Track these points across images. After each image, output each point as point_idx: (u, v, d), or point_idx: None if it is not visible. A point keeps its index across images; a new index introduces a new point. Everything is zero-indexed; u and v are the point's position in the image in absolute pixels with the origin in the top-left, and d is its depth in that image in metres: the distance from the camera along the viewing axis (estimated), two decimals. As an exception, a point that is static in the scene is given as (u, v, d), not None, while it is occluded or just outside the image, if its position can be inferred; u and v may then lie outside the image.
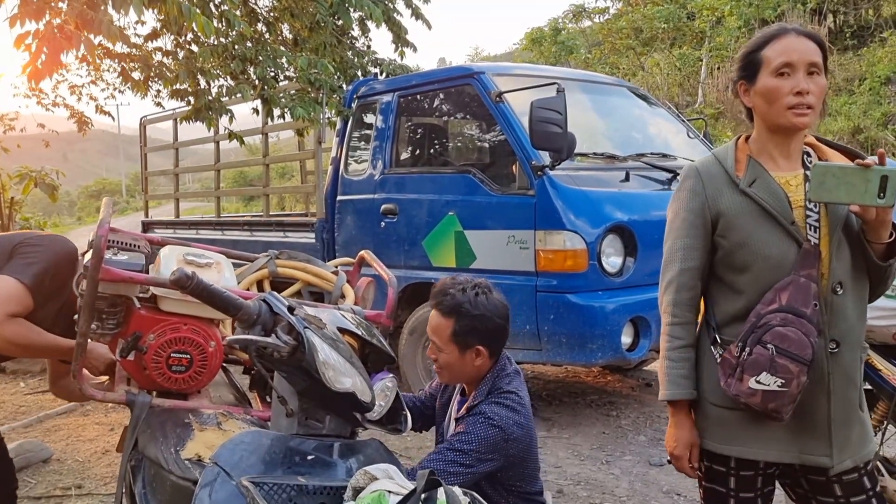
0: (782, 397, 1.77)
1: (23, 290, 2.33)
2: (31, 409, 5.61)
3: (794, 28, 1.89)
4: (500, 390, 2.28)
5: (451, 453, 2.16)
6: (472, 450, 2.15)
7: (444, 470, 2.12)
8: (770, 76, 1.85)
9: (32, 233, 2.56)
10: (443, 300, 2.28)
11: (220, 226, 7.90)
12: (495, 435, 2.18)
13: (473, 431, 2.18)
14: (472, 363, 2.29)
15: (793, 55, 1.83)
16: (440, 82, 5.68)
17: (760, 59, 1.88)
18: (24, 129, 9.08)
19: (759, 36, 1.94)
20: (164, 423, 2.10)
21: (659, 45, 21.50)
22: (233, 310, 1.53)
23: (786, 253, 1.84)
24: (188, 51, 5.71)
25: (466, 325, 2.24)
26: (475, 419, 2.21)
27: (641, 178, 5.00)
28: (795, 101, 1.82)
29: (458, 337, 2.25)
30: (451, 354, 2.27)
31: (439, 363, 2.32)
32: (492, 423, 2.18)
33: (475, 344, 2.26)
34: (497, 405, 2.23)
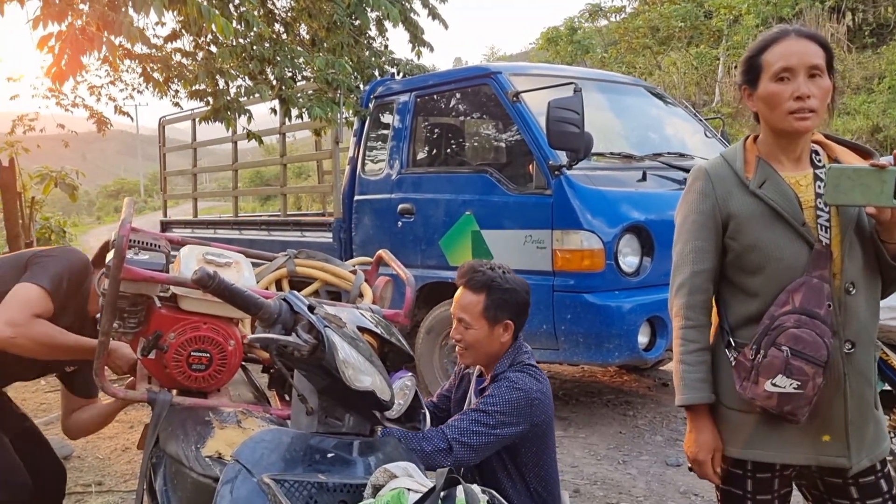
0: (798, 399, 1.76)
1: (43, 293, 2.38)
2: (51, 406, 5.66)
3: (794, 29, 1.87)
4: (521, 363, 2.37)
5: (475, 413, 2.23)
6: (497, 411, 2.22)
7: (468, 429, 2.18)
8: (770, 81, 1.84)
9: (43, 248, 2.61)
10: (473, 276, 2.37)
11: (237, 225, 7.95)
12: (519, 398, 2.25)
13: (498, 394, 2.25)
14: (500, 339, 2.37)
15: (791, 59, 1.82)
16: (457, 82, 5.69)
17: (761, 63, 1.87)
18: (43, 130, 9.16)
19: (759, 39, 1.92)
20: (184, 420, 2.12)
21: (676, 43, 21.40)
22: (254, 308, 1.54)
23: (798, 254, 1.83)
24: (207, 51, 5.75)
25: (498, 299, 2.34)
26: (499, 384, 2.29)
27: (658, 177, 4.99)
28: (796, 106, 1.81)
29: (489, 311, 2.34)
30: (480, 330, 2.35)
31: (465, 341, 2.38)
32: (516, 386, 2.27)
33: (504, 318, 2.35)
34: (520, 373, 2.32)
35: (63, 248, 2.56)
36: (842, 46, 16.41)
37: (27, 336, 2.33)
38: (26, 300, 2.34)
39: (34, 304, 2.35)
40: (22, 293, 2.35)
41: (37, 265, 2.43)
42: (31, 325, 2.34)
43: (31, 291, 2.35)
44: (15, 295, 2.35)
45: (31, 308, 2.34)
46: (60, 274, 2.41)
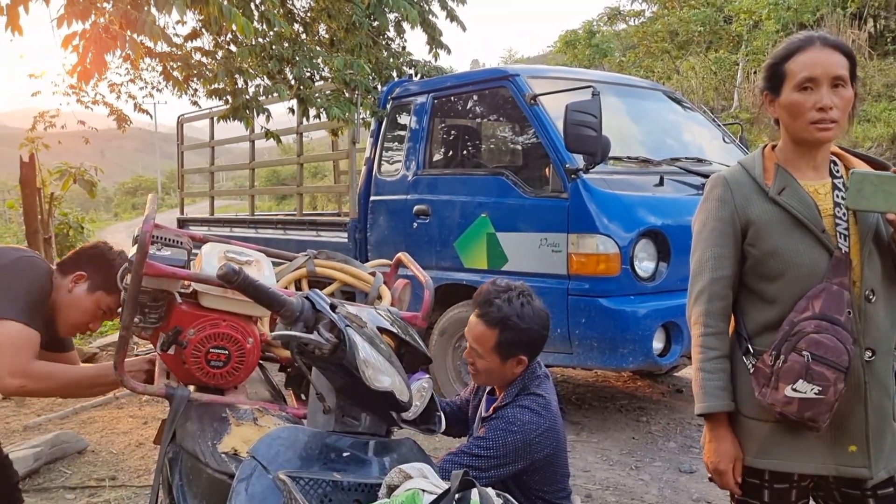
0: (819, 405, 1.75)
1: (23, 328, 2.29)
2: (67, 400, 5.71)
3: (819, 37, 1.86)
4: (527, 391, 2.31)
5: (466, 458, 2.18)
6: (489, 455, 2.17)
7: None
8: (793, 91, 1.84)
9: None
10: (489, 311, 2.28)
11: (253, 224, 7.99)
12: (515, 441, 2.19)
13: (493, 437, 2.20)
14: (512, 370, 2.32)
15: (816, 69, 1.81)
16: (475, 84, 5.70)
17: (784, 71, 1.87)
18: (64, 126, 9.23)
19: (784, 46, 1.92)
20: (201, 416, 2.14)
21: (695, 48, 21.31)
22: (277, 305, 1.55)
23: (817, 261, 1.83)
24: (227, 51, 5.79)
25: (512, 338, 2.26)
26: (496, 424, 2.23)
27: (675, 182, 4.98)
28: (818, 117, 1.81)
29: (501, 347, 2.27)
30: (491, 362, 2.30)
31: (477, 368, 2.35)
32: (513, 428, 2.20)
33: (518, 354, 2.29)
34: (521, 408, 2.25)
35: (17, 260, 2.38)
36: (863, 53, 16.28)
37: (36, 382, 2.30)
38: (15, 344, 2.25)
39: (24, 344, 2.27)
40: (16, 336, 2.25)
41: (5, 290, 2.30)
42: (35, 371, 2.29)
43: (12, 330, 2.25)
44: (10, 340, 2.25)
45: (24, 350, 2.27)
46: (26, 297, 2.31)
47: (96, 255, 2.50)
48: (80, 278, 2.46)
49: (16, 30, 3.65)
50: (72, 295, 2.45)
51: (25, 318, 2.30)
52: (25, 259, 2.39)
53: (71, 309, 2.47)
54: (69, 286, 2.46)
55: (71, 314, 2.48)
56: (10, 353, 2.25)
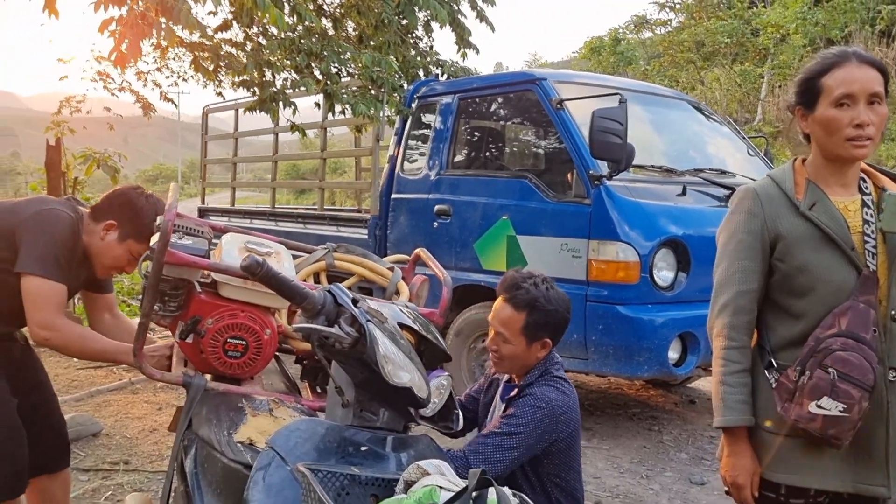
0: (843, 423, 1.74)
1: (50, 283, 2.36)
2: (83, 383, 5.77)
3: (855, 53, 1.85)
4: (550, 374, 2.36)
5: (498, 437, 2.22)
6: (520, 431, 2.21)
7: (492, 455, 2.19)
8: (829, 106, 1.83)
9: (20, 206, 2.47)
10: (517, 294, 2.33)
11: (274, 216, 8.02)
12: (544, 416, 2.24)
13: (521, 413, 2.24)
14: (536, 354, 2.36)
15: (853, 86, 1.80)
16: (501, 87, 5.70)
17: (820, 86, 1.85)
18: (90, 112, 9.31)
19: (819, 61, 1.90)
20: (217, 405, 2.14)
21: (720, 59, 21.21)
22: (299, 298, 1.56)
23: (846, 278, 1.81)
24: (256, 43, 5.81)
25: (539, 320, 2.31)
26: (524, 401, 2.28)
27: (698, 193, 4.95)
28: (855, 134, 1.80)
29: (528, 330, 2.32)
30: (517, 346, 2.33)
31: (500, 353, 2.38)
32: (540, 403, 2.25)
33: (543, 336, 2.33)
34: (547, 387, 2.31)
35: (40, 215, 2.42)
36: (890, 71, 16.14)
37: (61, 338, 2.38)
38: (44, 298, 2.34)
39: (47, 297, 2.35)
40: (35, 291, 2.34)
41: (28, 245, 2.37)
42: (63, 328, 2.37)
43: (42, 287, 2.33)
44: (31, 294, 2.34)
45: (53, 305, 2.35)
46: (56, 253, 2.38)
47: (125, 203, 2.52)
48: (111, 227, 2.50)
49: (52, 12, 3.69)
50: (104, 242, 2.51)
51: (46, 271, 2.35)
52: (45, 211, 2.42)
53: (104, 255, 2.53)
54: (101, 234, 2.50)
55: (104, 259, 2.54)
56: (35, 306, 2.34)
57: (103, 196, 2.61)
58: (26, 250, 2.36)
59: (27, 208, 2.44)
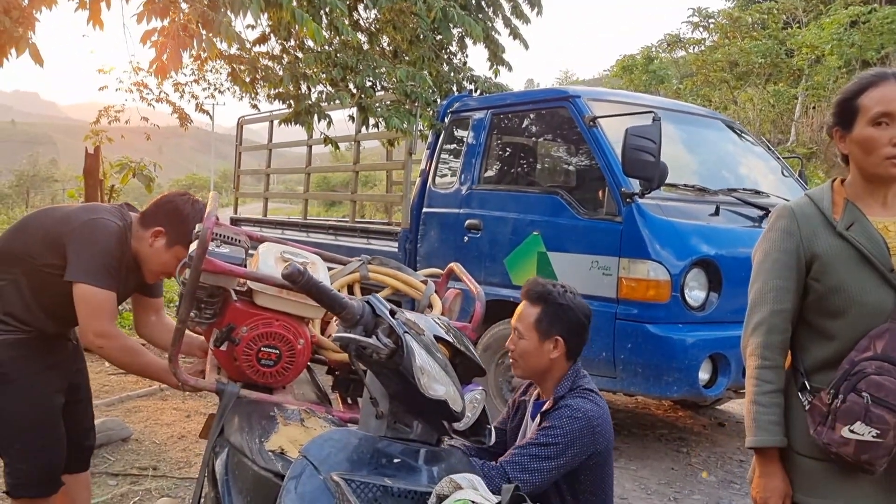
0: (877, 448, 1.71)
1: (104, 293, 2.44)
2: (113, 388, 5.83)
3: (893, 73, 1.84)
4: (581, 387, 2.37)
5: (535, 448, 2.22)
6: (558, 442, 2.21)
7: (529, 465, 2.18)
8: (867, 125, 1.81)
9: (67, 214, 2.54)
10: (533, 288, 2.43)
11: (305, 227, 8.08)
12: (582, 427, 2.24)
13: (559, 424, 2.24)
14: (548, 354, 2.38)
15: (891, 105, 1.79)
16: (534, 103, 5.71)
17: (857, 106, 1.84)
18: (128, 121, 9.49)
19: (855, 82, 1.89)
20: (250, 414, 2.16)
21: (754, 79, 21.07)
22: (338, 308, 1.57)
23: (883, 300, 1.79)
24: (293, 56, 5.89)
25: (551, 312, 2.37)
26: (560, 412, 2.28)
27: (731, 213, 4.91)
28: (893, 153, 1.78)
29: (541, 323, 2.37)
30: (530, 341, 2.38)
31: (516, 352, 2.42)
32: (577, 414, 2.25)
33: (555, 333, 2.37)
34: (582, 399, 2.32)
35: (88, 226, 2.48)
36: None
37: (114, 348, 2.48)
38: (97, 307, 2.42)
39: (105, 307, 2.44)
40: (87, 300, 2.41)
41: (76, 255, 2.43)
42: (117, 338, 2.47)
43: (94, 295, 2.41)
44: (83, 303, 2.42)
45: (106, 313, 2.44)
46: (105, 262, 2.45)
47: (172, 210, 2.57)
48: (159, 234, 2.55)
49: (97, 24, 3.77)
50: (152, 249, 2.56)
51: (96, 280, 2.42)
52: (93, 221, 2.48)
53: (152, 261, 2.58)
54: (150, 240, 2.56)
55: (153, 265, 2.60)
56: (89, 315, 2.42)
57: (152, 202, 2.67)
58: (76, 259, 2.43)
59: (77, 217, 2.50)
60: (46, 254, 2.48)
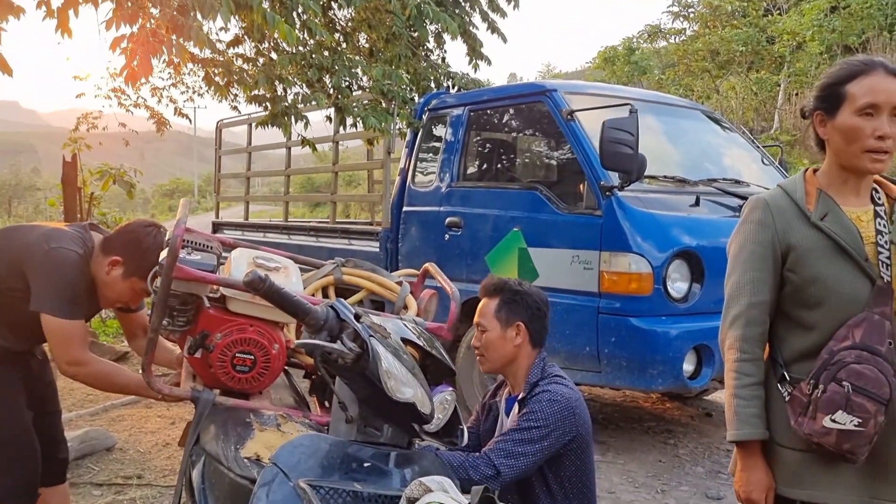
0: (858, 437, 1.71)
1: (72, 323, 2.43)
2: (97, 398, 5.78)
3: (882, 64, 1.82)
4: (552, 374, 2.42)
5: (518, 433, 2.25)
6: (540, 425, 2.25)
7: (514, 450, 2.21)
8: (852, 114, 1.80)
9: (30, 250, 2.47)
10: (488, 283, 2.55)
11: (287, 230, 8.05)
12: (562, 409, 2.29)
13: (539, 409, 2.28)
14: (513, 342, 2.42)
15: (880, 96, 1.77)
16: (511, 98, 5.70)
17: (844, 93, 1.82)
18: (106, 128, 9.41)
19: (844, 67, 1.87)
20: (225, 421, 2.15)
21: (735, 68, 21.11)
22: (301, 314, 1.56)
23: (859, 290, 1.79)
24: (268, 58, 5.86)
25: (509, 300, 2.46)
26: (539, 398, 2.32)
27: (712, 203, 4.92)
28: (875, 146, 1.77)
29: (500, 311, 2.45)
30: (493, 331, 2.44)
31: (482, 345, 2.47)
32: (555, 398, 2.30)
33: (516, 319, 2.42)
34: (556, 384, 2.37)
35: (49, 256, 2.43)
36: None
37: (88, 374, 2.49)
38: (66, 337, 2.42)
39: (74, 336, 2.43)
40: (57, 331, 2.41)
41: (39, 286, 2.41)
42: (90, 364, 2.47)
43: (62, 327, 2.41)
44: (52, 334, 2.42)
45: (76, 341, 2.44)
46: (67, 294, 2.43)
47: (132, 241, 2.52)
48: (116, 263, 2.50)
49: (65, 32, 3.73)
50: (109, 277, 2.52)
51: (63, 311, 2.41)
52: (54, 252, 2.44)
53: (108, 289, 2.55)
54: (107, 268, 2.51)
55: (108, 293, 2.56)
56: (59, 345, 2.43)
57: (117, 228, 2.64)
58: (39, 291, 2.42)
59: (38, 247, 2.45)
60: (8, 279, 2.47)
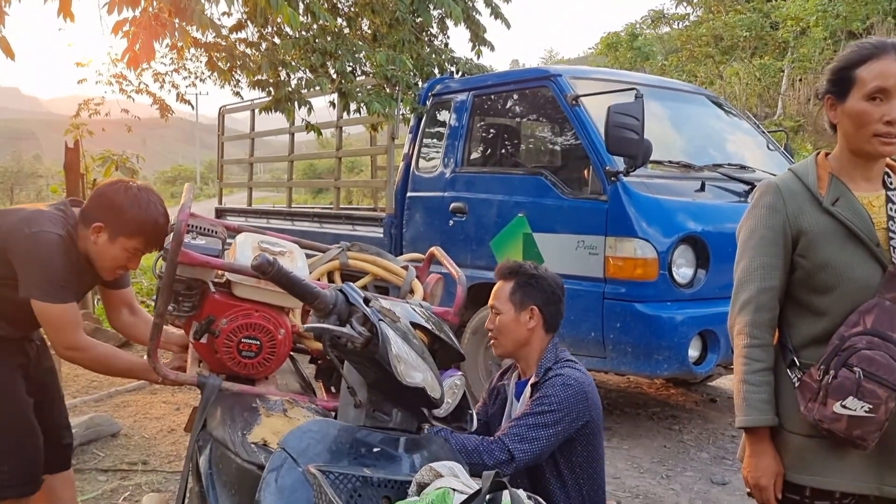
0: (869, 423, 1.69)
1: (63, 307, 2.38)
2: (102, 384, 5.79)
3: (894, 46, 1.79)
4: (565, 359, 2.42)
5: (532, 417, 2.25)
6: (554, 409, 2.25)
7: (527, 435, 2.21)
8: (861, 99, 1.78)
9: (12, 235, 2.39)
10: (504, 266, 2.56)
11: (290, 216, 8.03)
12: (576, 393, 2.29)
13: (553, 393, 2.28)
14: (526, 325, 2.43)
15: (889, 80, 1.75)
16: (516, 83, 5.66)
17: (854, 77, 1.80)
18: (108, 114, 9.38)
19: (854, 51, 1.84)
20: (232, 406, 2.14)
21: (739, 54, 21.00)
22: (310, 298, 1.54)
23: (871, 275, 1.77)
24: (271, 43, 5.82)
25: (524, 283, 2.46)
26: (552, 381, 2.32)
27: (717, 188, 4.89)
28: (885, 130, 1.75)
29: (515, 294, 2.45)
30: (507, 314, 2.44)
31: (496, 329, 2.47)
32: (569, 381, 2.30)
33: (530, 303, 2.43)
34: (570, 368, 2.37)
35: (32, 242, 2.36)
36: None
37: (87, 359, 2.47)
38: (60, 322, 2.38)
39: (68, 320, 2.39)
40: (49, 316, 2.38)
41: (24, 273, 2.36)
42: (88, 348, 2.44)
43: (53, 312, 2.37)
44: (46, 320, 2.39)
45: (70, 326, 2.40)
46: (53, 277, 2.37)
47: (105, 203, 2.43)
48: (99, 230, 2.42)
49: (67, 16, 3.70)
50: (98, 246, 2.45)
51: (52, 296, 2.36)
52: (35, 236, 2.37)
53: (103, 258, 2.47)
54: (93, 238, 2.44)
55: (104, 262, 2.49)
56: (54, 331, 2.40)
57: (88, 198, 2.55)
58: (25, 277, 2.37)
59: (19, 231, 2.39)
60: None
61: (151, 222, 2.41)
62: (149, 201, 2.42)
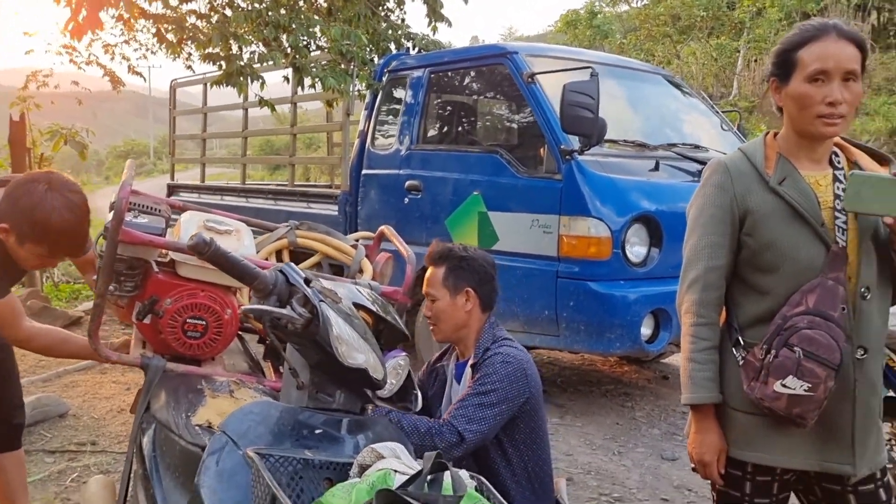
0: (808, 402, 1.72)
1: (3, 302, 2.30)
2: (50, 364, 5.66)
3: (835, 27, 1.79)
4: (502, 338, 2.43)
5: (476, 397, 2.25)
6: (497, 388, 2.26)
7: (475, 415, 2.22)
8: (803, 81, 1.78)
9: None
10: (433, 251, 2.51)
11: (244, 193, 7.92)
12: (516, 370, 2.30)
13: (493, 371, 2.29)
14: (463, 308, 2.42)
15: (829, 62, 1.75)
16: (472, 60, 5.63)
17: (796, 59, 1.80)
18: (57, 86, 9.11)
19: (797, 33, 1.84)
20: (176, 387, 2.10)
21: (696, 33, 21.17)
22: (249, 278, 1.51)
23: (815, 255, 1.79)
24: (222, 15, 5.69)
25: (455, 267, 2.43)
26: (492, 360, 2.33)
27: (671, 168, 4.93)
28: (827, 111, 1.76)
29: (448, 279, 2.42)
30: (443, 299, 2.42)
31: (433, 315, 2.46)
32: (507, 359, 2.31)
33: (464, 286, 2.41)
34: (507, 347, 2.38)
35: None
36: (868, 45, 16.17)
37: (36, 348, 2.44)
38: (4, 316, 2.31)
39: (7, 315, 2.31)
40: None
41: None
42: (37, 337, 2.39)
43: None
44: None
45: (12, 319, 2.32)
46: None
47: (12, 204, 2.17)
48: (6, 231, 2.18)
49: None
50: (9, 245, 2.24)
51: None
52: None
53: (16, 257, 2.29)
54: (3, 237, 2.21)
55: (20, 261, 2.31)
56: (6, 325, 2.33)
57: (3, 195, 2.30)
58: None
59: None
60: None
61: (56, 231, 2.14)
62: (56, 207, 2.12)
